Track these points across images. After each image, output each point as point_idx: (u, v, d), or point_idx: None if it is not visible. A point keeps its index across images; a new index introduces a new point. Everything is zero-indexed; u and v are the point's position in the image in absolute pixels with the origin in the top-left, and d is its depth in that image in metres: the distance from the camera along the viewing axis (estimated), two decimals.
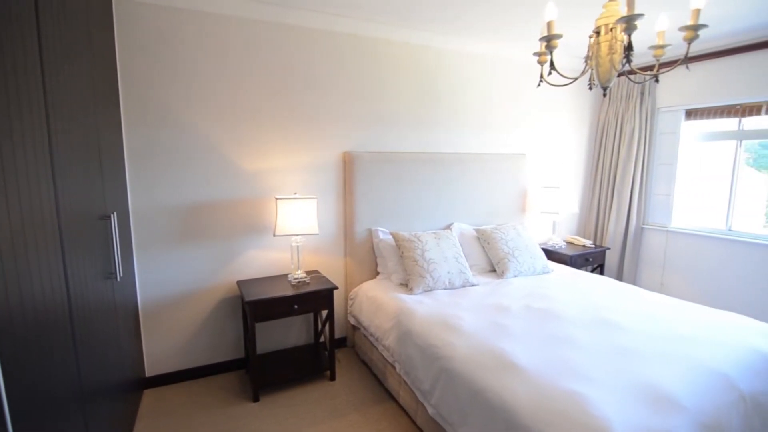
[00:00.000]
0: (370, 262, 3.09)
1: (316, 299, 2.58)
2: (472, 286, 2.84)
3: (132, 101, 2.35)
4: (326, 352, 2.81)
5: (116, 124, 2.21)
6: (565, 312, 2.30)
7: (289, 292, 2.49)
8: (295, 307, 2.50)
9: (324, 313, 2.82)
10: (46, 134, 1.15)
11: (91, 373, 1.46)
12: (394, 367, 2.37)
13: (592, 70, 1.71)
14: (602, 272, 3.93)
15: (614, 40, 1.58)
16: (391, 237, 3.00)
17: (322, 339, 2.94)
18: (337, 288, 2.63)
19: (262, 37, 2.64)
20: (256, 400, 2.46)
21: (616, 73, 1.64)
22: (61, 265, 1.22)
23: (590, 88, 1.80)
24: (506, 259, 3.09)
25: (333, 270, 3.08)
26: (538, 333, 2.06)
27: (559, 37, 1.63)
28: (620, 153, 3.99)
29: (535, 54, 1.87)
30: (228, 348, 2.81)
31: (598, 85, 1.71)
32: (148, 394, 2.53)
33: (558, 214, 3.69)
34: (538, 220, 4.01)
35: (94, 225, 1.60)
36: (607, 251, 3.99)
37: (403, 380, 2.28)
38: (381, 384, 2.63)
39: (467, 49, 3.37)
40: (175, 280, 2.59)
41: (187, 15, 2.42)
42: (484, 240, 3.25)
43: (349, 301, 3.05)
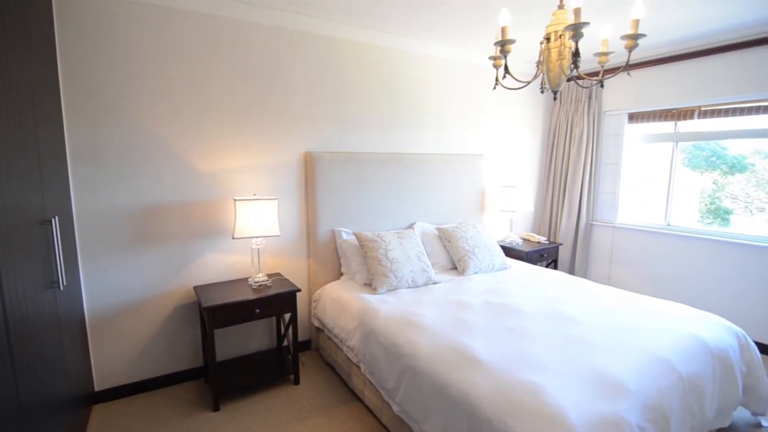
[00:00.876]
0: (333, 263, 3.07)
1: (278, 302, 2.53)
2: (435, 284, 2.89)
3: (74, 95, 2.20)
4: (290, 356, 2.76)
5: (56, 120, 2.06)
6: (522, 306, 2.40)
7: (250, 296, 2.42)
8: (257, 311, 2.44)
9: (287, 316, 2.77)
10: None
11: (31, 390, 1.36)
12: (359, 368, 2.37)
13: (543, 74, 1.80)
14: (556, 267, 4.13)
15: (563, 47, 1.67)
16: (354, 237, 3.00)
17: (286, 343, 2.89)
18: (300, 290, 2.59)
19: (222, 34, 2.55)
20: (216, 409, 2.38)
21: (565, 78, 1.73)
22: None
23: (542, 92, 1.88)
24: (467, 257, 3.18)
25: (296, 272, 3.03)
26: (498, 327, 2.13)
27: (513, 42, 1.70)
28: (571, 153, 4.20)
29: (491, 58, 1.94)
30: (185, 356, 2.69)
31: (549, 89, 1.80)
32: (98, 410, 2.38)
33: (515, 212, 3.84)
34: (496, 219, 4.14)
35: (33, 230, 1.49)
36: (560, 247, 4.20)
37: (368, 380, 2.28)
38: (346, 385, 2.62)
39: (427, 52, 3.43)
40: (126, 287, 2.45)
41: (140, 8, 2.29)
42: (445, 239, 3.32)
43: (313, 303, 3.01)
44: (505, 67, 1.83)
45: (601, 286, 2.84)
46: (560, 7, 1.72)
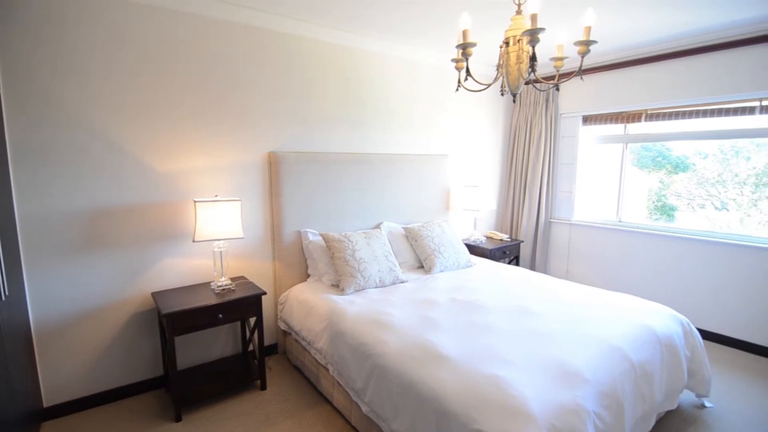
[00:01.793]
0: (299, 264, 3.03)
1: (242, 306, 2.46)
2: (402, 282, 2.92)
3: (15, 94, 2.04)
4: (256, 361, 2.70)
5: None
6: (487, 302, 2.46)
7: (213, 301, 2.35)
8: (220, 316, 2.37)
9: (252, 321, 2.71)
10: None
11: None
12: (327, 369, 2.36)
13: (503, 77, 1.86)
14: (518, 263, 4.28)
15: (521, 51, 1.73)
16: (320, 238, 2.98)
17: (251, 347, 2.83)
18: (265, 293, 2.54)
19: (179, 30, 2.46)
20: (178, 419, 2.29)
21: (524, 81, 1.80)
22: None
23: (502, 94, 1.94)
24: (433, 256, 3.23)
25: (261, 275, 2.96)
26: (463, 323, 2.18)
27: (473, 45, 1.75)
28: (530, 154, 4.37)
29: (453, 60, 1.98)
30: (144, 366, 2.57)
31: (509, 92, 1.86)
32: (48, 427, 2.23)
33: (478, 211, 3.95)
34: (460, 217, 4.24)
35: None
36: (521, 244, 4.35)
37: (337, 381, 2.27)
38: (314, 388, 2.59)
39: (392, 52, 3.46)
40: (78, 295, 2.31)
41: (90, 2, 2.16)
42: (412, 238, 3.36)
43: (279, 306, 2.96)
44: (467, 70, 1.88)
45: (559, 281, 2.96)
46: (518, 12, 1.78)
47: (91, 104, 2.24)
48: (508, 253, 4.08)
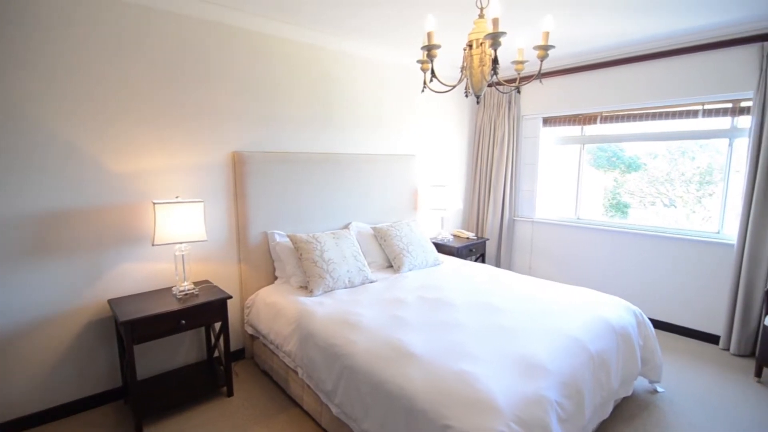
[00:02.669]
0: (267, 266, 2.97)
1: (207, 311, 2.39)
2: (371, 282, 2.93)
3: None
4: (222, 367, 2.63)
5: None
6: (454, 300, 2.51)
7: (174, 307, 2.26)
8: (183, 322, 2.28)
9: (217, 326, 2.63)
10: None
11: None
12: (297, 372, 2.33)
13: (467, 79, 1.90)
14: (484, 260, 4.38)
15: (484, 54, 1.78)
16: (288, 239, 2.93)
17: (217, 353, 2.74)
18: (231, 297, 2.47)
19: (142, 25, 2.35)
20: None
21: (487, 83, 1.85)
22: None
23: (466, 96, 1.99)
24: (402, 255, 3.25)
25: (226, 278, 2.88)
26: (432, 321, 2.22)
27: (438, 47, 1.78)
28: (494, 154, 4.49)
29: (418, 62, 2.00)
30: (101, 378, 2.44)
31: (473, 93, 1.91)
32: None
33: (445, 210, 4.01)
34: (428, 217, 4.30)
35: None
36: (487, 242, 4.46)
37: (306, 384, 2.25)
38: (284, 392, 2.55)
39: (360, 52, 3.45)
40: (25, 305, 2.16)
41: None
42: (380, 237, 3.37)
43: (246, 310, 2.89)
44: (432, 71, 1.91)
45: (523, 277, 3.06)
46: (480, 16, 1.83)
47: (39, 102, 2.10)
48: (474, 251, 4.17)
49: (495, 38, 1.60)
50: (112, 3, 2.26)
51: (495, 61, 1.74)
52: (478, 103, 2.13)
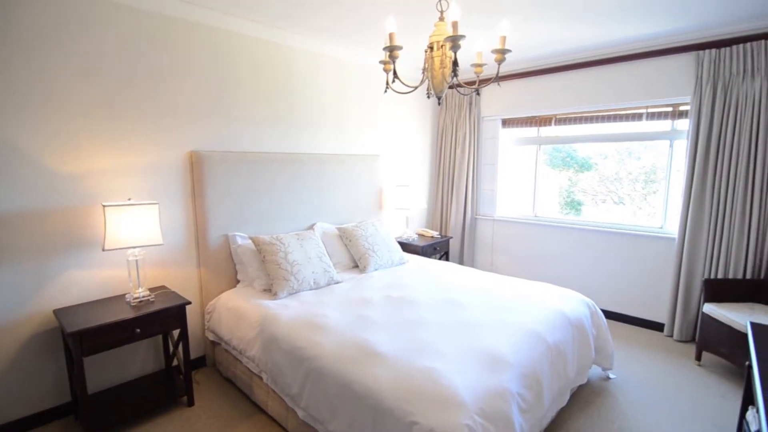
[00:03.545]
0: (228, 270, 2.89)
1: (164, 319, 2.28)
2: (337, 283, 2.91)
3: None
4: (181, 376, 2.52)
5: None
6: (419, 298, 2.55)
7: (128, 315, 2.15)
8: (138, 331, 2.17)
9: (176, 333, 2.52)
10: None
11: None
12: (261, 378, 2.28)
13: (428, 80, 1.93)
14: (448, 258, 4.47)
15: (444, 56, 1.82)
16: (250, 242, 2.86)
17: (176, 362, 2.63)
18: (190, 303, 2.38)
19: (90, 15, 2.20)
20: None
21: (447, 85, 1.89)
22: None
23: (428, 97, 2.02)
24: (367, 255, 3.26)
25: (185, 283, 2.77)
26: (397, 320, 2.24)
27: (400, 48, 1.80)
28: (456, 154, 4.59)
29: (381, 62, 2.01)
30: (48, 393, 2.27)
31: (434, 94, 1.94)
32: None
33: (410, 209, 4.06)
34: (393, 216, 4.33)
35: None
36: (450, 240, 4.55)
37: (271, 389, 2.21)
38: (248, 399, 2.49)
39: (323, 51, 3.42)
40: None
41: None
42: (346, 238, 3.36)
43: (207, 316, 2.79)
44: (394, 72, 1.93)
45: (484, 273, 3.15)
46: (441, 18, 1.86)
47: None
48: (438, 249, 4.24)
49: (455, 41, 1.64)
50: None
51: (455, 64, 1.78)
52: (439, 104, 2.17)
